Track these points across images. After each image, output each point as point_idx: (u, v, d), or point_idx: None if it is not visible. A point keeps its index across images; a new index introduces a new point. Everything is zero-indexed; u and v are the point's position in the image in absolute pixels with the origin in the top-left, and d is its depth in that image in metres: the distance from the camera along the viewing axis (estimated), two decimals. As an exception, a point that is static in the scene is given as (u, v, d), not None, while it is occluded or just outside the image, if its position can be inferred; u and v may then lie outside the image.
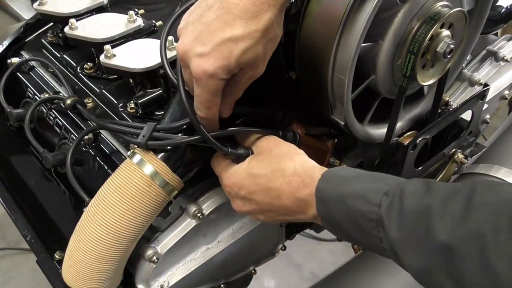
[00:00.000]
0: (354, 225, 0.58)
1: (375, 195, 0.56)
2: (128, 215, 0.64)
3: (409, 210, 0.53)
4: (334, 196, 0.60)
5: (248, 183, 0.66)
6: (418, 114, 0.88)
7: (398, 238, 0.53)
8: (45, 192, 0.86)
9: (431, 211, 0.51)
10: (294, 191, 0.63)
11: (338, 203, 0.59)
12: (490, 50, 1.06)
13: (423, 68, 0.74)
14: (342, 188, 0.59)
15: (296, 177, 0.64)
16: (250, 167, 0.67)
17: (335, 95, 0.72)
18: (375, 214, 0.55)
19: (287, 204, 0.64)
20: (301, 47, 0.72)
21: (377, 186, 0.57)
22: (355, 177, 0.60)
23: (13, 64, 0.93)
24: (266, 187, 0.65)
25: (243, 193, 0.67)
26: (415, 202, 0.53)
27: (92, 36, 0.81)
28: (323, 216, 0.62)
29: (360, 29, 0.64)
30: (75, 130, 0.83)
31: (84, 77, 0.87)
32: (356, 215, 0.57)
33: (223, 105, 0.64)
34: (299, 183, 0.63)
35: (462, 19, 0.74)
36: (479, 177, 0.88)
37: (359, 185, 0.58)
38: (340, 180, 0.61)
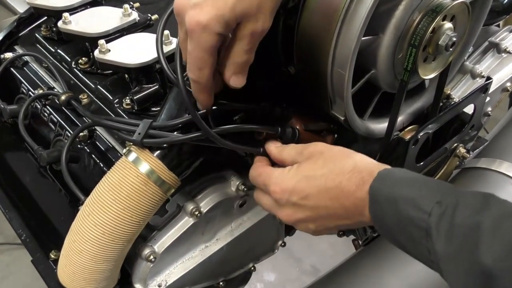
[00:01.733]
0: (403, 231, 0.55)
1: (427, 202, 0.53)
2: (124, 214, 0.62)
3: (459, 225, 0.49)
4: (386, 196, 0.56)
5: (301, 186, 0.62)
6: (419, 108, 0.86)
7: (443, 253, 0.50)
8: (40, 190, 0.85)
9: (482, 229, 0.47)
10: (354, 189, 0.59)
11: (389, 204, 0.55)
12: (492, 41, 1.05)
13: (425, 62, 0.73)
14: (395, 190, 0.56)
15: (356, 173, 0.59)
16: (302, 170, 0.63)
17: (335, 90, 0.70)
18: (424, 223, 0.52)
19: (346, 204, 0.60)
20: (300, 41, 0.70)
21: (431, 193, 0.54)
22: (411, 179, 0.57)
23: (6, 59, 0.92)
24: (323, 188, 0.61)
25: (295, 198, 0.62)
26: (468, 216, 0.49)
27: (86, 31, 0.79)
28: (375, 217, 0.58)
29: (360, 23, 0.62)
30: (70, 127, 0.81)
31: (78, 72, 0.85)
32: (406, 220, 0.54)
33: (229, 66, 0.59)
34: (359, 180, 0.59)
35: (464, 11, 0.72)
36: (481, 171, 0.87)
37: (412, 189, 0.55)
38: (394, 180, 0.57)
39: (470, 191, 0.53)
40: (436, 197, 0.53)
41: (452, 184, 0.58)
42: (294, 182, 0.62)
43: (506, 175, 0.85)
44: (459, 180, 0.89)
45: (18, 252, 1.93)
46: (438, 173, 0.89)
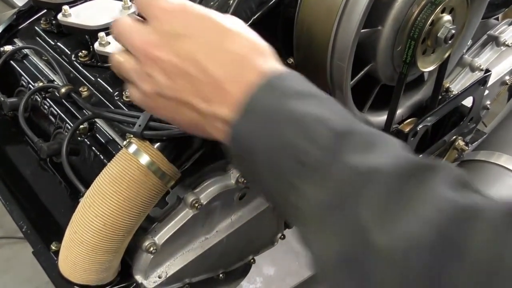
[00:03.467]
0: (274, 160, 0.42)
1: (317, 128, 0.41)
2: (124, 206, 0.63)
3: (351, 168, 0.39)
4: (267, 109, 0.43)
5: (168, 35, 0.48)
6: (418, 101, 0.87)
7: (320, 202, 0.39)
8: (40, 182, 0.85)
9: (376, 181, 0.37)
10: (247, 51, 0.47)
11: (267, 120, 0.43)
12: (491, 35, 1.05)
13: (424, 54, 0.73)
14: (284, 102, 0.43)
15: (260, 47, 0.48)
16: None
17: (334, 81, 0.71)
18: (308, 156, 0.40)
19: (228, 62, 0.46)
20: (300, 32, 0.70)
21: (324, 116, 0.42)
22: (308, 94, 0.44)
23: (6, 52, 0.91)
24: (216, 26, 0.48)
25: (179, 27, 0.48)
26: (361, 156, 0.39)
27: (86, 23, 0.79)
28: (242, 131, 0.45)
29: (360, 15, 0.63)
30: (70, 119, 0.81)
31: (78, 65, 0.85)
32: (284, 146, 0.42)
33: None
34: (260, 47, 0.48)
35: (463, 3, 0.72)
36: (480, 164, 0.88)
37: (303, 105, 0.43)
38: (284, 91, 0.44)
39: (370, 128, 0.42)
40: (331, 123, 0.41)
41: (351, 114, 0.44)
42: (154, 33, 0.49)
43: (505, 168, 0.85)
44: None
45: (18, 246, 1.94)
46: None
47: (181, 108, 0.50)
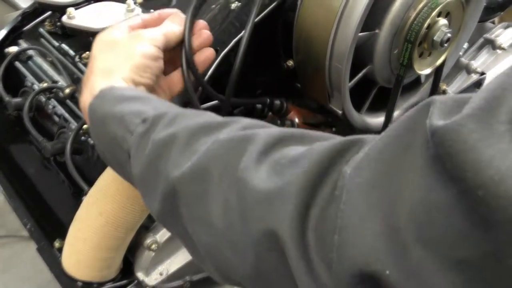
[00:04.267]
0: (112, 154, 0.53)
1: (133, 120, 0.49)
2: (126, 204, 0.64)
3: (155, 141, 0.46)
4: (100, 115, 0.53)
5: None
6: (415, 103, 0.88)
7: (138, 176, 0.48)
8: (44, 181, 0.87)
9: (176, 142, 0.45)
10: (99, 69, 0.58)
11: (101, 124, 0.53)
12: (487, 38, 1.06)
13: (420, 57, 0.74)
14: (108, 107, 0.52)
15: None
16: None
17: (333, 84, 0.72)
18: (126, 143, 0.49)
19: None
20: (299, 35, 0.72)
21: (141, 110, 0.50)
22: (130, 97, 0.53)
23: (11, 53, 0.93)
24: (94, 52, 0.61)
25: None
26: (164, 130, 0.46)
27: (90, 26, 0.81)
28: (93, 137, 0.57)
29: (358, 18, 0.64)
30: (74, 119, 0.83)
31: (82, 66, 0.87)
32: (113, 141, 0.51)
33: None
34: (110, 68, 0.58)
35: (459, 7, 0.74)
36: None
37: (124, 106, 0.51)
38: (112, 98, 0.53)
39: (178, 109, 0.50)
40: (145, 114, 0.49)
41: (173, 105, 0.54)
42: None
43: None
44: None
45: (20, 245, 1.95)
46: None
47: None
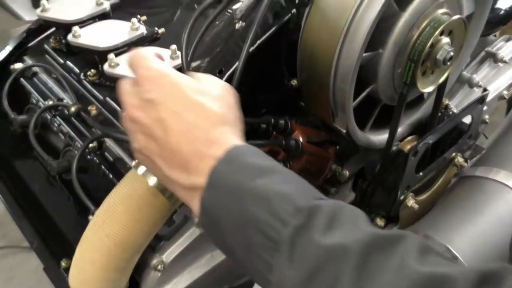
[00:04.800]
0: (240, 233, 0.45)
1: (283, 206, 0.43)
2: (134, 226, 0.64)
3: (322, 247, 0.41)
4: (232, 185, 0.46)
5: (163, 81, 0.53)
6: (418, 119, 0.89)
7: (295, 278, 0.41)
8: (49, 198, 0.87)
9: (348, 256, 0.39)
10: (208, 123, 0.50)
11: (230, 195, 0.46)
12: (488, 51, 1.07)
13: (423, 75, 0.75)
14: (242, 177, 0.46)
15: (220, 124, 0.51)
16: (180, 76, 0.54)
17: (337, 103, 0.73)
18: (276, 233, 0.43)
19: (194, 136, 0.50)
20: (303, 56, 0.73)
21: (289, 193, 0.44)
22: (268, 168, 0.48)
23: (16, 70, 0.94)
24: (184, 96, 0.52)
25: (154, 94, 0.52)
26: (328, 234, 0.41)
27: (96, 44, 0.82)
28: (206, 205, 0.48)
29: (362, 39, 0.65)
30: (80, 137, 0.83)
31: (87, 84, 0.87)
32: (249, 222, 0.44)
33: None
34: (223, 120, 0.51)
35: (461, 25, 0.75)
36: (479, 180, 0.90)
37: (267, 182, 0.46)
38: (244, 165, 0.47)
39: (335, 202, 0.45)
40: (296, 201, 0.43)
41: (314, 188, 0.48)
42: (166, 76, 0.53)
43: (503, 184, 0.87)
44: (457, 189, 0.91)
45: (22, 255, 1.95)
46: (437, 181, 0.92)
47: (155, 167, 0.55)
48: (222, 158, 0.48)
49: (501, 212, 0.84)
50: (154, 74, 0.54)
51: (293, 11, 0.72)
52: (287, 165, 0.76)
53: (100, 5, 0.90)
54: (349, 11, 0.65)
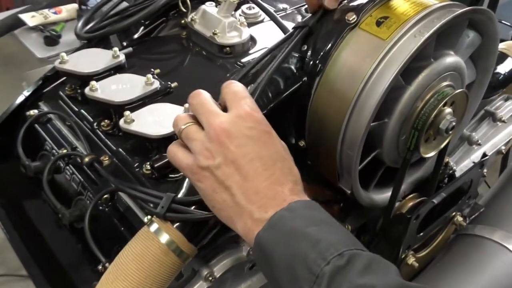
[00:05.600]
0: (289, 268, 0.54)
1: (329, 249, 0.53)
2: (145, 282, 0.67)
3: (353, 285, 0.49)
4: (286, 228, 0.56)
5: (242, 133, 0.60)
6: (419, 177, 0.92)
7: None
8: (60, 244, 0.89)
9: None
10: (281, 179, 0.60)
11: (285, 235, 0.55)
12: (488, 110, 1.11)
13: (426, 142, 0.78)
14: (298, 223, 0.56)
15: (290, 178, 0.62)
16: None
17: (343, 166, 0.76)
18: (318, 268, 0.51)
19: (269, 183, 0.60)
20: (312, 120, 0.76)
21: (336, 241, 0.54)
22: (318, 220, 0.58)
23: (31, 116, 0.97)
24: (275, 145, 0.63)
25: (255, 133, 0.61)
26: (362, 276, 0.50)
27: (111, 99, 0.85)
28: (262, 241, 0.57)
29: (370, 112, 0.68)
30: (91, 187, 0.86)
31: (101, 134, 0.90)
32: (298, 258, 0.53)
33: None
34: (295, 175, 0.63)
35: (463, 97, 0.78)
36: (476, 239, 0.92)
37: (317, 229, 0.55)
38: (300, 214, 0.57)
39: (373, 254, 0.54)
40: (340, 247, 0.52)
41: (354, 238, 0.58)
42: (240, 128, 0.61)
43: (499, 244, 0.90)
44: (455, 247, 0.94)
45: (20, 284, 1.96)
46: (436, 239, 0.95)
47: (222, 191, 0.61)
48: (286, 207, 0.58)
49: (498, 274, 0.86)
50: (254, 114, 0.62)
51: (304, 79, 0.75)
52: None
53: (116, 57, 0.94)
54: (358, 84, 0.69)
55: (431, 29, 0.67)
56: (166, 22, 1.14)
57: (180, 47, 1.09)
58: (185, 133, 0.64)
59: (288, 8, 1.19)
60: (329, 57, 0.73)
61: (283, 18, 1.08)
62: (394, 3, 0.73)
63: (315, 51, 0.75)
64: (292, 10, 1.19)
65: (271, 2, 1.20)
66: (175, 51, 1.09)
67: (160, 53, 1.10)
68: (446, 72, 0.76)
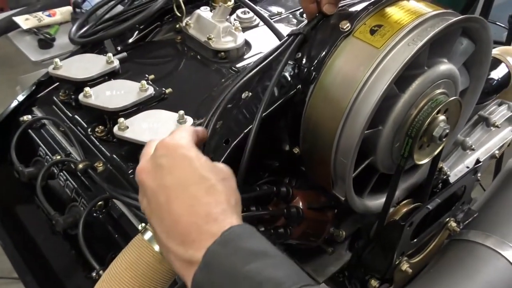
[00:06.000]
0: None
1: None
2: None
3: None
4: (227, 267, 0.50)
5: (154, 164, 0.58)
6: (413, 183, 0.92)
7: None
8: (53, 250, 0.89)
9: None
10: (212, 201, 0.54)
11: (225, 277, 0.50)
12: (481, 115, 1.11)
13: (420, 149, 0.78)
14: (237, 260, 0.50)
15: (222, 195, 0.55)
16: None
17: (337, 174, 0.76)
18: None
19: (191, 212, 0.54)
20: (306, 128, 0.76)
21: (278, 279, 0.48)
22: (260, 252, 0.51)
23: (25, 122, 0.96)
24: (194, 171, 0.56)
25: (165, 161, 0.57)
26: None
27: (106, 105, 0.84)
28: (199, 280, 0.51)
29: (364, 120, 0.68)
30: (85, 193, 0.86)
31: (95, 140, 0.89)
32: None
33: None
34: (226, 200, 0.55)
35: (457, 104, 0.78)
36: (469, 244, 0.93)
37: (260, 267, 0.49)
38: (243, 251, 0.51)
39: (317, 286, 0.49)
40: (284, 285, 0.47)
41: (299, 269, 0.52)
42: (146, 162, 0.59)
43: (493, 249, 0.90)
44: (449, 253, 0.94)
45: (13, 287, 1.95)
46: (430, 245, 0.95)
47: (155, 232, 0.59)
48: (218, 240, 0.51)
49: (491, 280, 0.86)
50: (170, 142, 0.59)
51: (298, 86, 0.75)
52: (287, 230, 0.78)
53: (111, 63, 0.93)
54: (352, 91, 0.69)
55: (424, 37, 0.68)
56: (161, 27, 1.13)
57: (174, 51, 1.09)
58: None
59: (283, 12, 1.19)
60: (323, 65, 0.73)
61: (278, 22, 1.08)
62: (388, 12, 0.73)
63: (310, 59, 0.75)
64: (287, 14, 1.18)
65: (266, 7, 1.20)
66: (170, 55, 1.09)
67: (155, 58, 1.10)
68: (439, 80, 0.76)
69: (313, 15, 0.77)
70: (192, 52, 1.06)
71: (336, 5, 0.76)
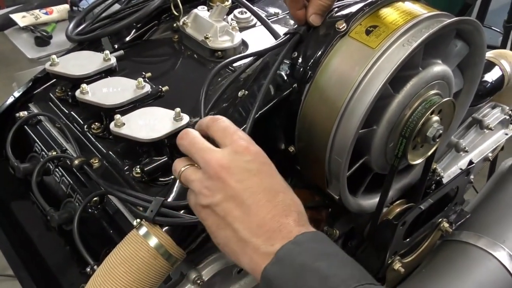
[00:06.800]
0: None
1: (339, 284, 0.52)
2: (133, 286, 0.67)
3: None
4: (294, 263, 0.54)
5: (241, 167, 0.60)
6: (407, 184, 0.93)
7: None
8: (48, 246, 0.89)
9: None
10: (285, 210, 0.59)
11: (294, 271, 0.54)
12: (475, 118, 1.12)
13: (414, 149, 0.79)
14: (307, 258, 0.55)
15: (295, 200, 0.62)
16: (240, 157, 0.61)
17: (332, 172, 0.77)
18: None
19: (273, 215, 0.58)
20: (301, 126, 0.77)
21: (344, 276, 0.53)
22: (326, 253, 0.56)
23: (21, 118, 0.96)
24: (277, 179, 0.62)
25: (253, 166, 0.61)
26: None
27: (102, 102, 0.85)
28: (269, 275, 0.56)
29: (358, 120, 0.69)
30: (81, 189, 0.86)
31: (91, 136, 0.90)
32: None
33: (313, 6, 0.75)
34: (299, 206, 0.61)
35: (450, 106, 0.79)
36: (462, 245, 0.94)
37: (326, 264, 0.54)
38: (308, 248, 0.56)
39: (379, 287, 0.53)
40: (349, 282, 0.52)
41: (364, 270, 0.57)
42: (236, 162, 0.61)
43: (484, 250, 0.91)
44: (441, 252, 0.95)
45: (6, 284, 1.94)
46: (422, 245, 0.96)
47: (224, 227, 0.61)
48: (293, 240, 0.56)
49: (483, 280, 0.87)
50: (253, 148, 0.63)
51: (294, 86, 0.76)
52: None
53: (108, 60, 0.93)
54: (347, 91, 0.70)
55: (419, 38, 0.69)
56: (158, 26, 1.14)
57: (171, 50, 1.09)
58: (183, 176, 0.65)
59: (280, 13, 1.19)
60: (319, 65, 0.74)
61: (275, 22, 1.09)
62: (384, 13, 0.74)
63: (306, 58, 0.76)
64: (284, 15, 1.19)
65: (263, 7, 1.20)
66: (167, 54, 1.10)
67: (152, 57, 1.10)
68: (434, 81, 0.77)
69: (302, 22, 0.77)
70: (189, 51, 1.07)
71: (322, 16, 0.76)
